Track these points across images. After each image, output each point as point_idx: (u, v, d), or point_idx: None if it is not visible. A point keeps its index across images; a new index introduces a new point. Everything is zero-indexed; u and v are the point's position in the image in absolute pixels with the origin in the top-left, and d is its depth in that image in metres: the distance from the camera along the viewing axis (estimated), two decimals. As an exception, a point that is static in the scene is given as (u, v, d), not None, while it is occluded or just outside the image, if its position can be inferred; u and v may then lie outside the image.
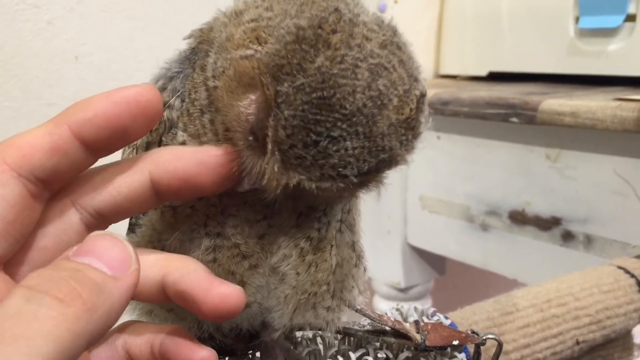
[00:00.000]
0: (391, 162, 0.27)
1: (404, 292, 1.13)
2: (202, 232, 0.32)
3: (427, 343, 0.39)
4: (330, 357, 0.38)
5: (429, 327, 0.41)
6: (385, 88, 0.26)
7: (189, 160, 0.28)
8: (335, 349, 0.39)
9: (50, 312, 0.21)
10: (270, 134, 0.26)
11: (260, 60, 0.26)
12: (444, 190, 0.99)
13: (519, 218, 0.87)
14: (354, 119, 0.25)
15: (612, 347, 0.59)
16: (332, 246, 0.33)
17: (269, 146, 0.26)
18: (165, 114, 0.32)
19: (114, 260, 0.24)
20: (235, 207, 0.31)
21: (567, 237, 0.81)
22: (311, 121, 0.25)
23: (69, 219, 0.29)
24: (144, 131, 0.29)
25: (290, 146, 0.25)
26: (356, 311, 0.38)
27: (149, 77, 0.32)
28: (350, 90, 0.25)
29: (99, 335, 0.23)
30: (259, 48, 0.27)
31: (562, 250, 0.82)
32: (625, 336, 0.60)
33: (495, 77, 1.09)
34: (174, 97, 0.32)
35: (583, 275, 0.55)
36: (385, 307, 0.88)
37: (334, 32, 0.26)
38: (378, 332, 0.40)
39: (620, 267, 0.58)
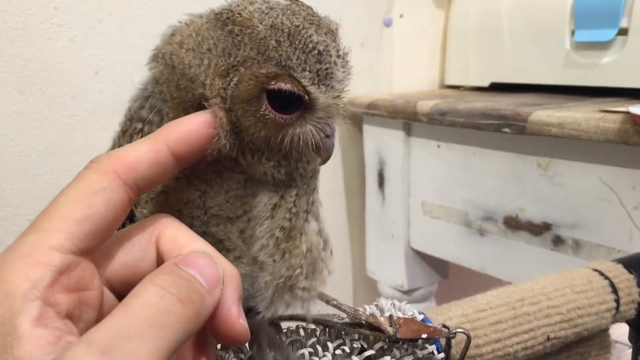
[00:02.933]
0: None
1: (407, 294, 1.17)
2: None
3: (398, 335, 0.44)
4: (310, 346, 0.43)
5: (401, 321, 0.45)
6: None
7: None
8: (315, 339, 0.44)
9: (176, 310, 0.27)
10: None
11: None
12: (444, 196, 1.03)
13: (512, 223, 0.91)
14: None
15: (589, 344, 0.62)
16: (301, 234, 0.38)
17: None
18: (145, 129, 0.36)
19: (211, 277, 0.29)
20: (218, 207, 0.36)
21: (557, 241, 0.85)
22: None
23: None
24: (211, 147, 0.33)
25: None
26: (332, 305, 0.43)
27: None
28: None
29: (191, 336, 0.28)
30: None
31: (553, 254, 0.86)
32: (602, 334, 0.63)
33: (498, 88, 1.13)
34: (152, 113, 0.36)
35: (558, 276, 0.59)
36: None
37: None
38: (355, 325, 0.45)
39: (595, 270, 0.61)
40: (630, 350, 0.66)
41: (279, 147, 0.34)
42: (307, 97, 0.33)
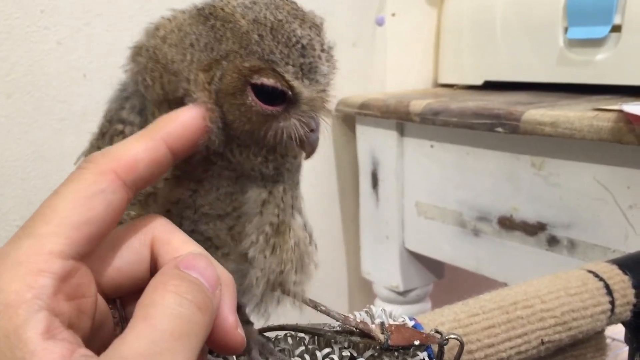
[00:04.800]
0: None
1: (403, 295, 1.17)
2: None
3: (390, 342, 0.43)
4: (298, 355, 0.42)
5: (393, 328, 0.44)
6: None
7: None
8: (304, 347, 0.43)
9: (197, 318, 0.26)
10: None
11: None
12: (438, 197, 1.03)
13: (507, 224, 0.90)
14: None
15: (584, 347, 0.62)
16: (289, 229, 0.38)
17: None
18: (126, 130, 0.36)
19: (210, 279, 0.28)
20: (209, 205, 0.36)
21: (552, 241, 0.84)
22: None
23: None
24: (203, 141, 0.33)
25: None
26: (321, 311, 0.42)
27: None
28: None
29: None
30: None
31: (548, 254, 0.85)
32: (597, 336, 0.62)
33: (491, 86, 1.12)
34: (133, 114, 0.36)
35: (552, 278, 0.58)
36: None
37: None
38: (346, 333, 0.44)
39: (590, 271, 0.60)
40: (627, 348, 0.65)
41: (264, 142, 0.35)
42: (290, 92, 0.33)
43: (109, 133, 0.37)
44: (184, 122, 0.32)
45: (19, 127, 0.90)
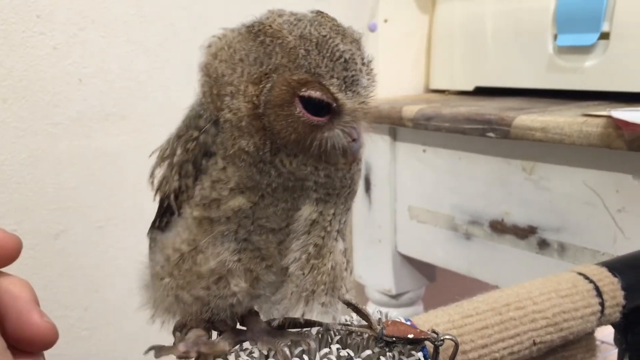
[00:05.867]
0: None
1: (395, 298, 1.17)
2: (231, 237, 0.38)
3: (385, 332, 0.44)
4: (297, 356, 0.43)
5: (389, 322, 0.46)
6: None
7: None
8: (302, 348, 0.44)
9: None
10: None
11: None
12: (430, 200, 1.04)
13: (498, 227, 0.92)
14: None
15: (574, 348, 0.63)
16: (330, 253, 0.40)
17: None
18: (201, 138, 0.38)
19: None
20: (266, 219, 0.38)
21: (543, 245, 0.85)
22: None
23: None
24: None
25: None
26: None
27: (148, 97, 0.36)
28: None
29: None
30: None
31: (539, 257, 0.86)
32: (587, 337, 0.63)
33: (482, 92, 1.14)
34: (210, 124, 0.38)
35: (543, 281, 0.59)
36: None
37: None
38: (344, 324, 0.45)
39: (580, 274, 0.61)
40: (617, 350, 0.66)
41: (310, 151, 0.36)
42: (335, 103, 0.35)
43: (185, 137, 0.39)
44: None
45: (14, 131, 0.90)
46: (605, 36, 0.91)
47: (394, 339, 0.44)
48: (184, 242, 0.39)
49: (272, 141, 0.36)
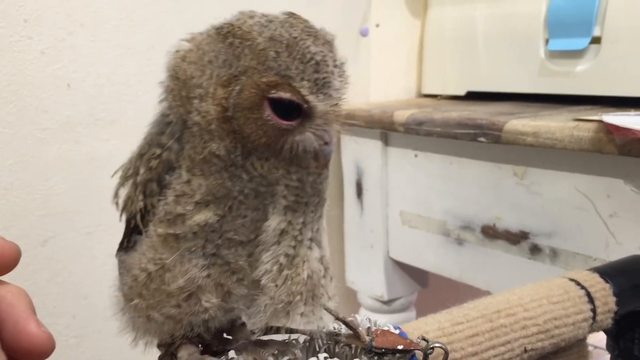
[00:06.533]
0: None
1: (387, 304, 1.17)
2: (199, 253, 0.37)
3: (374, 344, 0.44)
4: (283, 365, 0.42)
5: (379, 332, 0.45)
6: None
7: None
8: (288, 358, 0.43)
9: None
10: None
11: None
12: (422, 206, 1.03)
13: (490, 232, 0.91)
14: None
15: (567, 355, 0.62)
16: (304, 262, 0.39)
17: None
18: (164, 155, 0.37)
19: None
20: (234, 231, 0.37)
21: (535, 250, 0.85)
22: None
23: None
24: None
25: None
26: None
27: (138, 102, 0.35)
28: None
29: None
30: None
31: (530, 263, 0.86)
32: (579, 344, 0.63)
33: (474, 96, 1.13)
34: (172, 140, 0.37)
35: (534, 287, 0.59)
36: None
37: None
38: (331, 334, 0.44)
39: (571, 279, 0.61)
40: (609, 355, 0.66)
41: (281, 155, 0.36)
42: (306, 106, 0.35)
43: (147, 156, 0.38)
44: None
45: (2, 136, 0.89)
46: (596, 41, 0.91)
47: (383, 350, 0.44)
48: (150, 262, 0.38)
49: (243, 144, 0.35)
